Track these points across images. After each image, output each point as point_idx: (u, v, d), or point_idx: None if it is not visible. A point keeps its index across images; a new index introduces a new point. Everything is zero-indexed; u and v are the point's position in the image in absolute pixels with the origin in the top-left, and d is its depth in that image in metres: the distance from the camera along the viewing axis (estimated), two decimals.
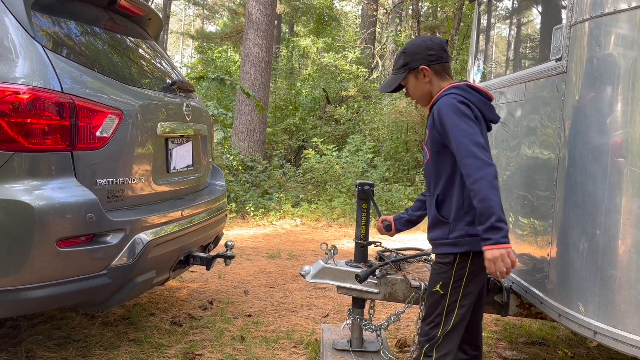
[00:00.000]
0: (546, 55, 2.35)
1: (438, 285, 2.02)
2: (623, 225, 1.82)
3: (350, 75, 14.15)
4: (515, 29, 3.06)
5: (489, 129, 2.11)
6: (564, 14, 2.18)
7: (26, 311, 2.26)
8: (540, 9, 2.76)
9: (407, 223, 2.44)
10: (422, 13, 16.84)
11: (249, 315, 3.46)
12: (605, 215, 1.87)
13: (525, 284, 2.40)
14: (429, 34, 18.01)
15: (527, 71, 2.55)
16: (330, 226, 7.36)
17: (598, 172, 1.90)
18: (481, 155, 1.86)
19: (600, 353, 3.07)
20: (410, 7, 14.61)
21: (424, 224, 2.23)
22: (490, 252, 1.80)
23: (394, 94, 12.64)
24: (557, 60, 2.18)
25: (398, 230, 2.45)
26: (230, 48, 19.66)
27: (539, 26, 2.74)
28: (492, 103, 2.10)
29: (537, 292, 2.26)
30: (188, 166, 3.09)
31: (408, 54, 2.12)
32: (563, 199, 2.07)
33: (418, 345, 2.12)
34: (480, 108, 2.01)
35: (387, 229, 2.46)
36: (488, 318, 3.56)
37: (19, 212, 2.01)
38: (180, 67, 20.56)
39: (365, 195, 2.73)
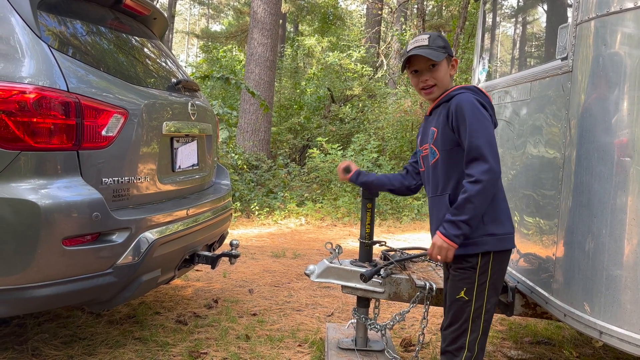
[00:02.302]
0: (552, 54, 2.34)
1: (462, 292, 1.97)
2: (629, 225, 1.81)
3: (355, 75, 14.14)
4: (521, 28, 3.04)
5: None
6: (569, 12, 2.17)
7: (32, 309, 2.27)
8: (545, 7, 2.75)
9: (373, 185, 2.51)
10: (427, 12, 16.80)
11: (254, 314, 3.47)
12: (611, 215, 1.86)
13: (530, 283, 2.40)
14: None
15: (532, 70, 2.54)
16: (335, 225, 7.36)
17: (604, 172, 1.89)
18: (491, 159, 1.87)
19: (606, 353, 3.06)
20: (416, 6, 14.59)
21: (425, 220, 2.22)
22: (439, 240, 1.92)
23: (398, 93, 12.48)
24: (562, 59, 2.17)
25: (352, 181, 2.52)
26: (235, 47, 19.71)
27: (544, 25, 2.73)
28: (496, 102, 2.10)
29: (542, 291, 2.26)
30: (193, 165, 3.10)
31: (444, 40, 2.06)
32: (569, 198, 2.06)
33: (444, 354, 2.05)
34: (490, 111, 2.02)
35: (346, 171, 2.54)
36: (493, 318, 3.54)
37: (25, 211, 2.02)
38: (185, 67, 20.59)
39: (369, 195, 2.73)
